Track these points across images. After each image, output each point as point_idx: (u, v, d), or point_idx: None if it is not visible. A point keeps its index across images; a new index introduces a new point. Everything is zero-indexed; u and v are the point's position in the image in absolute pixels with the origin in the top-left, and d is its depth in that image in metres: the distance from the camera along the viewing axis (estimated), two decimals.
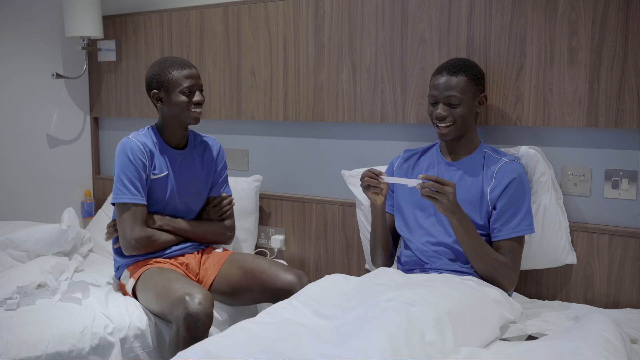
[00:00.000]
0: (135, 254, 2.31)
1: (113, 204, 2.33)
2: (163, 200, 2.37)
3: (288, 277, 2.26)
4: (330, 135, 2.74)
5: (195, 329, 2.00)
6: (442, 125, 2.10)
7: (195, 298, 2.02)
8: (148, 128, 2.40)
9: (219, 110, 2.97)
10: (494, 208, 2.08)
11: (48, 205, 3.24)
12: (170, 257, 2.36)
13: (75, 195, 3.40)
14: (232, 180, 2.74)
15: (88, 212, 3.38)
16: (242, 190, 2.78)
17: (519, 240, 2.07)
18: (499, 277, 2.02)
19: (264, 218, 2.91)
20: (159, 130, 2.40)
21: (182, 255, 2.40)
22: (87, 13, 3.03)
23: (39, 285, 2.34)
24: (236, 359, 1.50)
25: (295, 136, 2.83)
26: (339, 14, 2.60)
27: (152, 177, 2.34)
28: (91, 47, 3.24)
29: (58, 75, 3.17)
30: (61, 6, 3.14)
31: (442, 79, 2.09)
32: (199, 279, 2.39)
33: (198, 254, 2.44)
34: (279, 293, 2.23)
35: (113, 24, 3.27)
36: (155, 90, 2.33)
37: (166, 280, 2.16)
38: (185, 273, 2.34)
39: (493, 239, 2.08)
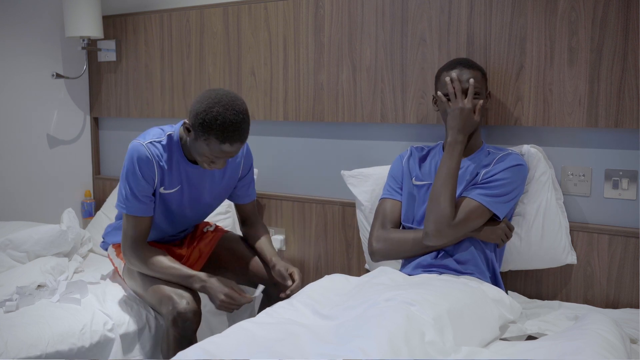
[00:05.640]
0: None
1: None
2: (171, 210, 2.25)
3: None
4: (330, 135, 2.74)
5: (184, 328, 2.02)
6: None
7: (184, 298, 2.03)
8: (170, 135, 2.15)
9: None
10: None
11: (48, 206, 3.24)
12: (157, 242, 2.33)
13: (75, 195, 3.40)
14: None
15: (88, 212, 3.38)
16: None
17: (477, 206, 2.03)
18: (430, 215, 2.03)
19: (264, 218, 2.91)
20: (182, 141, 2.16)
21: (170, 243, 2.38)
22: (87, 13, 3.03)
23: (39, 286, 2.34)
24: (236, 359, 1.50)
25: (295, 136, 2.83)
26: (339, 14, 2.60)
27: (162, 192, 2.17)
28: (91, 47, 3.24)
29: (58, 75, 3.17)
30: (61, 6, 3.14)
31: (463, 73, 2.12)
32: (189, 261, 2.36)
33: (185, 239, 2.42)
34: (267, 283, 2.26)
35: (113, 24, 3.27)
36: (187, 123, 2.05)
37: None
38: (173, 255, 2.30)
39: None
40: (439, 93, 2.14)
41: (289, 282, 2.14)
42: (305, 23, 2.69)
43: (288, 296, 2.08)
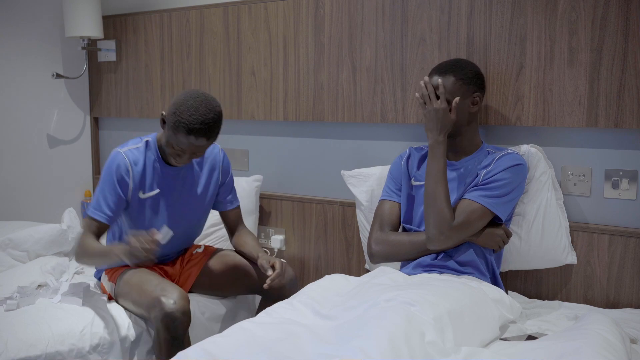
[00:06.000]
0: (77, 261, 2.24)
1: None
2: (158, 215, 2.26)
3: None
4: (330, 135, 2.74)
5: (174, 328, 2.02)
6: None
7: (170, 298, 2.03)
8: (147, 141, 2.25)
9: None
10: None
11: (48, 205, 3.24)
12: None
13: (76, 195, 3.40)
14: None
15: None
16: (242, 190, 2.77)
17: (478, 208, 2.03)
18: (430, 220, 2.03)
19: (264, 218, 2.91)
20: (159, 143, 2.25)
21: (162, 263, 2.39)
22: (87, 13, 3.03)
23: (39, 286, 2.34)
24: (236, 359, 1.50)
25: (295, 136, 2.83)
26: (339, 14, 2.60)
27: (142, 196, 2.22)
28: (91, 47, 3.24)
29: (58, 75, 3.17)
30: (61, 6, 3.14)
31: (432, 80, 2.13)
32: (178, 282, 2.38)
33: (177, 260, 2.44)
34: (263, 285, 2.24)
35: (113, 24, 3.27)
36: (164, 114, 2.15)
37: (141, 283, 2.16)
38: (162, 275, 2.33)
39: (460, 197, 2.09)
40: (416, 95, 2.15)
41: (269, 272, 2.16)
42: (305, 23, 2.69)
43: (272, 287, 2.13)
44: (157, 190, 2.24)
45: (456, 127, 2.13)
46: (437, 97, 2.09)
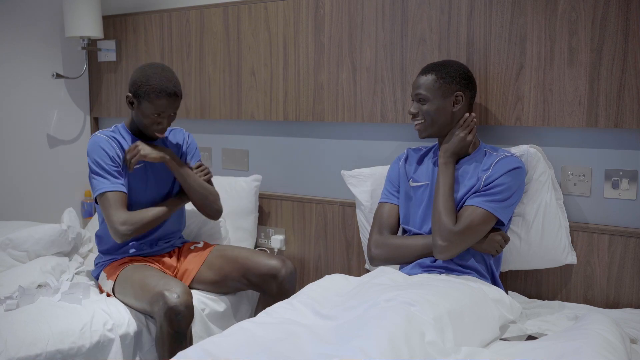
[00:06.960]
0: (128, 240, 2.31)
1: (96, 201, 2.30)
2: (144, 191, 2.37)
3: (272, 262, 2.32)
4: (330, 135, 2.74)
5: (177, 322, 2.04)
6: (415, 122, 2.18)
7: (174, 292, 2.05)
8: (116, 126, 2.41)
9: (218, 110, 2.97)
10: None
11: (48, 205, 3.24)
12: (145, 256, 2.38)
13: (75, 195, 3.40)
14: (231, 180, 2.74)
15: (88, 212, 3.38)
16: (242, 190, 2.78)
17: (482, 213, 2.03)
18: (435, 229, 2.05)
19: (263, 218, 2.91)
20: (130, 127, 2.40)
21: (158, 255, 2.42)
22: (87, 13, 3.03)
23: (39, 286, 2.34)
24: (236, 359, 1.50)
25: (295, 136, 2.83)
26: (339, 14, 2.60)
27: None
28: (91, 47, 3.24)
29: (58, 75, 3.17)
30: (61, 6, 3.14)
31: (416, 79, 2.17)
32: (177, 275, 2.42)
33: (174, 252, 2.47)
34: (263, 278, 2.30)
35: (113, 24, 3.27)
36: (129, 94, 2.31)
37: (143, 278, 2.18)
38: (162, 269, 2.37)
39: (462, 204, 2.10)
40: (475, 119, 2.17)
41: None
42: (305, 23, 2.69)
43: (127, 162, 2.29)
44: (141, 163, 2.36)
45: (439, 127, 2.14)
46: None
